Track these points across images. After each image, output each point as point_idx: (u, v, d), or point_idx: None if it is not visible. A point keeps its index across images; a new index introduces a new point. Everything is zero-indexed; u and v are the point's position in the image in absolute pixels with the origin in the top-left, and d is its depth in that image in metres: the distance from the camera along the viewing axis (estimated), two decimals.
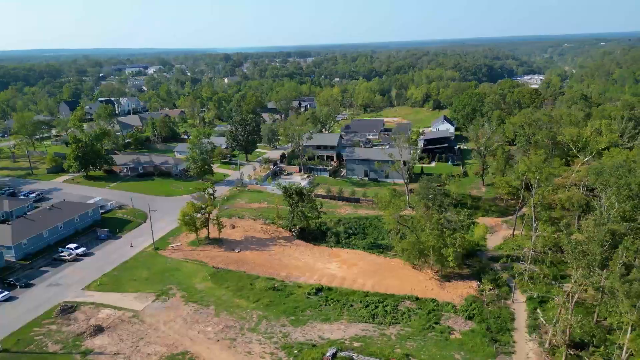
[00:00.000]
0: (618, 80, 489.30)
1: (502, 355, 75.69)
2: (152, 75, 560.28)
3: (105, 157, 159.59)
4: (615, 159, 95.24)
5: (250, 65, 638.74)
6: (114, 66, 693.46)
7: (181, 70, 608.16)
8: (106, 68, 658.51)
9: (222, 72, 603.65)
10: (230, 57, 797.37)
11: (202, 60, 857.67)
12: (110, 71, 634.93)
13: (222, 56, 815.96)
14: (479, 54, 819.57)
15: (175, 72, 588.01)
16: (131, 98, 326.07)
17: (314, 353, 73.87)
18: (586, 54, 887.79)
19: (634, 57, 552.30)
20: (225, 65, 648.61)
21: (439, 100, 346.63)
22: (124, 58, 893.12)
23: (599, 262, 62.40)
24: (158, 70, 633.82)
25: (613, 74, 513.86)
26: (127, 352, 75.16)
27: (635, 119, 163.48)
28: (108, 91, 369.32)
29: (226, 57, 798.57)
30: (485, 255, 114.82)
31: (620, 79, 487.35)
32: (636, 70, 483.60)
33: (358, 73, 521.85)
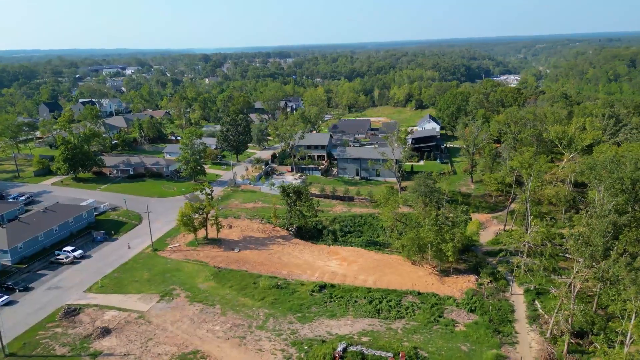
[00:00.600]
0: (592, 79, 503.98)
1: (506, 345, 78.15)
2: (131, 76, 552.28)
3: (94, 158, 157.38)
4: (605, 154, 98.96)
5: (230, 65, 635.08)
6: (90, 67, 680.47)
7: (160, 71, 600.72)
8: (82, 69, 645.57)
9: (202, 72, 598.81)
10: (209, 57, 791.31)
11: (180, 60, 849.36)
12: (86, 72, 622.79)
13: (201, 56, 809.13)
14: (456, 54, 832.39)
15: (154, 73, 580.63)
16: (113, 99, 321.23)
17: (324, 348, 74.94)
18: (559, 54, 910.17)
19: (606, 57, 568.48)
20: (206, 65, 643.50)
21: (421, 100, 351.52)
22: (100, 58, 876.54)
23: (601, 253, 65.25)
24: (136, 71, 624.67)
25: (587, 73, 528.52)
26: (137, 353, 74.98)
27: (616, 117, 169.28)
28: (88, 92, 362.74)
29: (205, 57, 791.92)
30: (479, 250, 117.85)
31: (593, 78, 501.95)
32: (609, 70, 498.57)
33: (339, 73, 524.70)
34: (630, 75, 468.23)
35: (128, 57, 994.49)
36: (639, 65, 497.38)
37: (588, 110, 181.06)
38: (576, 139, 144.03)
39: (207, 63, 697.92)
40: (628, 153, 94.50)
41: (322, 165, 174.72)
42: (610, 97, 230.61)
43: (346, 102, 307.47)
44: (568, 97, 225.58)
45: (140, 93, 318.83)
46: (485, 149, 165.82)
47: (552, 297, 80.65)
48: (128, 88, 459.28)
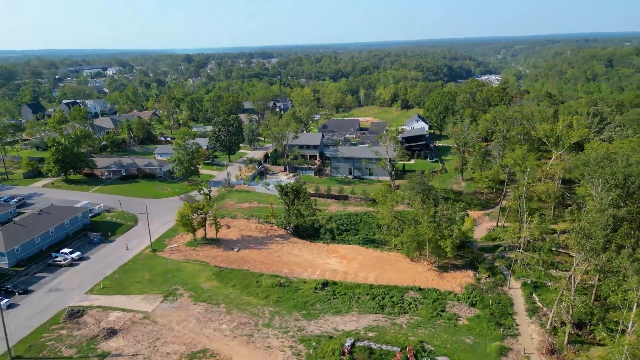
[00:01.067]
0: (571, 79, 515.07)
1: (508, 337, 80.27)
2: (113, 77, 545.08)
3: (85, 160, 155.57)
4: (597, 151, 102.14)
5: (214, 66, 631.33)
6: (70, 67, 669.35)
7: (143, 71, 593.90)
8: (62, 69, 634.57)
9: (185, 73, 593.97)
10: (191, 58, 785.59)
11: (162, 61, 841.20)
12: (66, 72, 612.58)
13: (184, 57, 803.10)
14: (438, 54, 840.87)
15: (136, 74, 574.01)
16: (97, 100, 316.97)
17: (332, 344, 75.94)
18: (537, 54, 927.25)
19: (584, 57, 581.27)
20: (189, 66, 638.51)
21: (407, 99, 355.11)
22: (79, 59, 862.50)
23: (602, 245, 67.71)
24: (118, 72, 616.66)
25: (565, 73, 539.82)
26: (145, 353, 74.93)
27: (600, 115, 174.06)
28: (71, 93, 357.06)
29: (188, 58, 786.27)
30: (474, 246, 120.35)
31: (572, 78, 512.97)
32: (587, 69, 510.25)
33: (324, 74, 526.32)
34: (608, 74, 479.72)
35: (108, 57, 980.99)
36: (616, 65, 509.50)
37: (573, 109, 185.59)
38: (564, 136, 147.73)
39: (190, 63, 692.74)
40: (619, 150, 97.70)
41: (315, 164, 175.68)
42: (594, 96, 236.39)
43: (334, 102, 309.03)
44: (552, 97, 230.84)
45: (126, 94, 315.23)
46: (475, 148, 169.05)
47: (552, 289, 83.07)
48: (110, 89, 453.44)
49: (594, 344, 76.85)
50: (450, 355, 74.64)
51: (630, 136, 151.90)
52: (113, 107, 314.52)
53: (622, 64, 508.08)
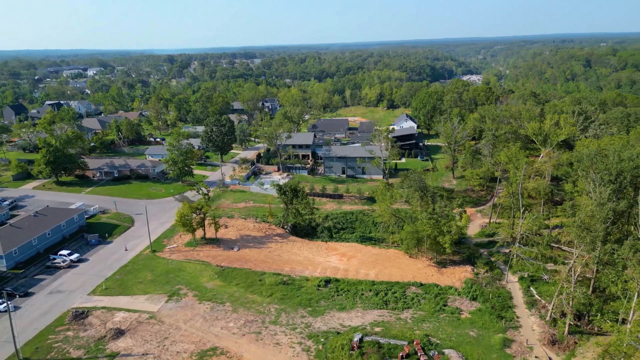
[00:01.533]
0: (550, 79, 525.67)
1: (510, 329, 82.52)
2: (94, 78, 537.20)
3: (77, 161, 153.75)
4: (589, 148, 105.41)
5: (197, 66, 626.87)
6: (50, 68, 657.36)
7: (125, 72, 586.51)
8: (41, 70, 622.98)
9: (169, 73, 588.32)
10: (174, 58, 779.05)
11: (143, 61, 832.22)
12: (46, 73, 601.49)
13: (165, 57, 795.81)
14: (420, 55, 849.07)
15: (118, 74, 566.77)
16: (82, 101, 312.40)
17: (340, 339, 77.11)
18: (517, 55, 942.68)
19: (563, 58, 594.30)
20: (172, 66, 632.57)
21: (393, 99, 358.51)
22: (57, 59, 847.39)
23: (602, 238, 70.32)
24: (99, 72, 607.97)
25: (545, 73, 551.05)
26: (155, 352, 75.02)
27: (585, 113, 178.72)
28: (54, 94, 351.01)
29: (170, 58, 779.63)
30: (469, 242, 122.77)
31: (552, 77, 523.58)
32: (566, 69, 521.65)
33: (309, 74, 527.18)
34: (586, 74, 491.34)
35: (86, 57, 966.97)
36: (594, 65, 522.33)
37: (558, 108, 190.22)
38: (551, 134, 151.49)
39: (172, 64, 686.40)
40: (609, 146, 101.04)
41: (308, 164, 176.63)
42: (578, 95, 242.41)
43: (321, 102, 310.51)
44: (537, 96, 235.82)
45: (110, 95, 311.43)
46: (466, 146, 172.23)
47: (549, 283, 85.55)
48: (92, 90, 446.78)
49: (593, 334, 79.64)
50: (456, 347, 76.46)
51: (615, 133, 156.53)
52: (98, 108, 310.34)
53: (600, 64, 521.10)
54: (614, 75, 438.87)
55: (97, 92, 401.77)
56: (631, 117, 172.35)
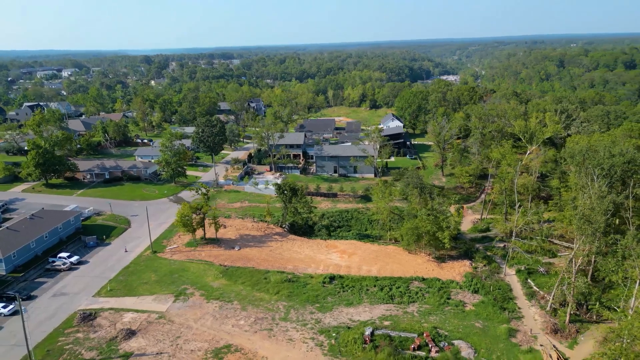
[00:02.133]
0: (525, 79, 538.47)
1: (514, 320, 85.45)
2: (70, 79, 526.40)
3: (67, 163, 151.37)
4: (579, 144, 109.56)
5: (176, 67, 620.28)
6: (22, 69, 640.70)
7: (102, 73, 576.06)
8: (14, 71, 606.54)
9: (148, 74, 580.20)
10: (150, 59, 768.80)
11: (117, 62, 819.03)
12: (19, 74, 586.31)
13: (142, 58, 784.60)
14: (397, 56, 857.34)
15: (94, 75, 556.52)
16: (62, 102, 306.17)
17: (352, 334, 78.68)
18: (491, 55, 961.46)
19: (537, 58, 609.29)
20: (150, 67, 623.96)
21: (375, 99, 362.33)
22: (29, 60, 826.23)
23: (603, 229, 73.72)
24: (75, 73, 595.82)
25: (520, 73, 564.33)
26: (169, 351, 75.19)
27: (567, 112, 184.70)
28: (32, 95, 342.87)
29: (147, 59, 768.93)
30: (464, 237, 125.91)
31: (527, 77, 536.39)
32: (540, 70, 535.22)
33: (290, 74, 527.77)
34: (560, 74, 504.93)
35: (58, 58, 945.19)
36: (567, 65, 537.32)
37: (541, 107, 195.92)
38: (537, 132, 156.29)
39: (150, 65, 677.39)
40: (599, 143, 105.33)
41: (300, 164, 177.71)
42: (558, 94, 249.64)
43: (306, 102, 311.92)
44: (518, 95, 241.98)
45: (91, 96, 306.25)
46: (454, 145, 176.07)
47: (548, 274, 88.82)
48: (69, 91, 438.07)
49: (592, 322, 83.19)
50: (464, 338, 78.87)
51: (597, 130, 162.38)
52: (78, 110, 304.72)
53: (573, 64, 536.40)
54: (587, 75, 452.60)
55: (75, 93, 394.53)
56: (611, 114, 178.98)
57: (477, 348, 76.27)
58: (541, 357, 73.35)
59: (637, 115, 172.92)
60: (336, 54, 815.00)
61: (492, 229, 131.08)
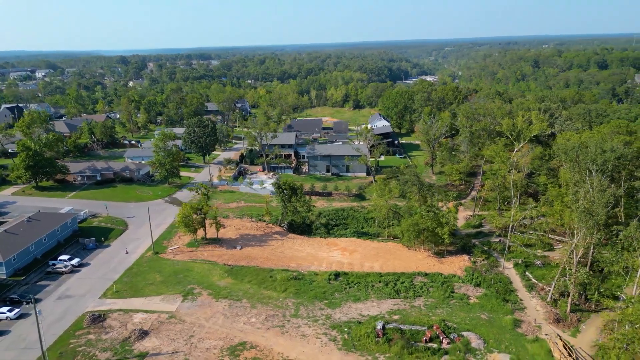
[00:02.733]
0: (502, 79, 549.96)
1: (517, 311, 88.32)
2: (45, 80, 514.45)
3: (57, 165, 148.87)
4: (571, 142, 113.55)
5: (155, 67, 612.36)
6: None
7: (79, 74, 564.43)
8: None
9: (126, 75, 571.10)
10: (127, 59, 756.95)
11: (93, 63, 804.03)
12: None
13: (118, 58, 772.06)
14: (375, 56, 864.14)
15: (70, 76, 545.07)
16: (42, 104, 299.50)
17: (363, 328, 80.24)
18: (467, 56, 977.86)
19: (512, 59, 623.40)
20: (127, 68, 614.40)
21: (359, 100, 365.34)
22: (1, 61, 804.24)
23: (604, 221, 77.10)
24: (49, 75, 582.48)
25: (497, 74, 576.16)
26: (185, 350, 75.40)
27: (550, 110, 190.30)
28: (10, 97, 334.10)
29: (123, 59, 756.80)
30: (459, 233, 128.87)
31: (504, 78, 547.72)
32: (516, 70, 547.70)
33: (271, 75, 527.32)
34: (535, 74, 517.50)
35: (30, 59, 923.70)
36: (541, 65, 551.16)
37: (525, 106, 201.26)
38: (524, 130, 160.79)
39: (126, 65, 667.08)
40: (589, 140, 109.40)
41: (292, 163, 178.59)
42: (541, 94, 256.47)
43: (291, 102, 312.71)
44: (501, 94, 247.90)
45: (72, 97, 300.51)
46: (443, 143, 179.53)
47: (554, 264, 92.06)
48: (45, 92, 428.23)
49: (592, 311, 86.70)
50: (472, 329, 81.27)
51: (580, 128, 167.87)
52: (58, 111, 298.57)
53: (547, 64, 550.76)
54: (562, 75, 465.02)
55: (52, 94, 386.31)
56: (592, 113, 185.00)
57: (485, 339, 78.69)
58: (547, 346, 76.18)
59: (617, 113, 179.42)
60: (315, 55, 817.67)
61: (484, 225, 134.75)
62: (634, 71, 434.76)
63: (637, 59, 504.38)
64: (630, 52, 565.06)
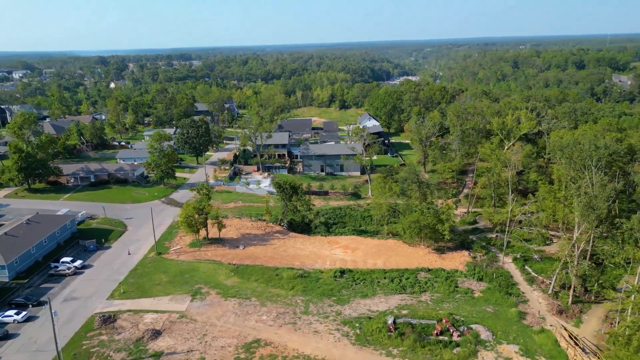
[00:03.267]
0: (483, 79, 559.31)
1: (521, 304, 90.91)
2: (23, 81, 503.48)
3: (51, 167, 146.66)
4: (563, 139, 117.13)
5: (136, 68, 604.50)
6: None
7: (58, 74, 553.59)
8: None
9: (107, 76, 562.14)
10: (106, 60, 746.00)
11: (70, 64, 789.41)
12: None
13: (97, 59, 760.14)
14: (356, 57, 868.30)
15: (50, 77, 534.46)
16: (24, 105, 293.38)
17: (374, 323, 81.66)
18: (446, 56, 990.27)
19: (492, 59, 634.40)
20: (108, 69, 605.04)
21: (345, 100, 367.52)
22: None
23: (605, 214, 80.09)
24: (27, 75, 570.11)
25: (478, 74, 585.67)
26: (200, 348, 75.67)
27: (536, 109, 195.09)
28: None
29: (102, 60, 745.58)
30: (456, 229, 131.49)
31: (485, 78, 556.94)
32: (497, 70, 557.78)
33: (255, 76, 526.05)
34: (515, 75, 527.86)
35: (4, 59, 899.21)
36: (521, 66, 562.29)
37: (512, 105, 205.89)
38: (514, 129, 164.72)
39: (106, 66, 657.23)
40: (583, 137, 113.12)
41: (286, 163, 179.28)
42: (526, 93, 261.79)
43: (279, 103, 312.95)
44: (487, 94, 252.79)
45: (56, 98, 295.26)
46: (434, 142, 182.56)
47: (555, 258, 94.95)
48: (24, 94, 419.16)
49: (592, 302, 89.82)
50: (480, 322, 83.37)
51: (566, 127, 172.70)
52: (41, 113, 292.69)
53: (526, 64, 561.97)
54: (542, 75, 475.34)
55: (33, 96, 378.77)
56: (577, 111, 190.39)
57: (493, 331, 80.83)
58: (553, 336, 78.72)
59: (602, 111, 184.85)
60: (297, 55, 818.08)
61: (479, 221, 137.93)
62: (610, 71, 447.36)
63: (612, 59, 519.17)
64: (605, 52, 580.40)
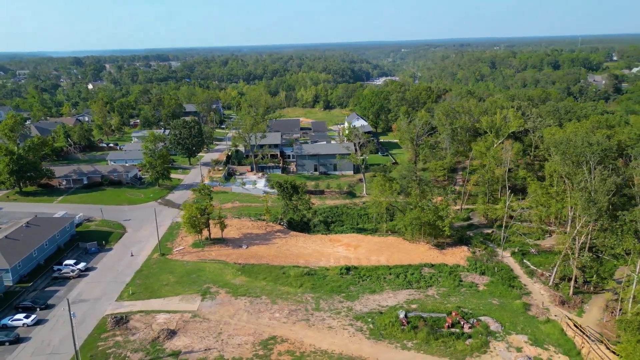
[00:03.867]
0: (462, 79, 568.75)
1: (524, 296, 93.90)
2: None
3: (43, 169, 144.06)
4: (556, 135, 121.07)
5: (114, 69, 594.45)
6: None
7: (34, 75, 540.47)
8: None
9: (85, 77, 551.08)
10: (81, 61, 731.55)
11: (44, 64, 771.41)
12: None
13: (72, 60, 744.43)
14: (336, 58, 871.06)
15: (27, 78, 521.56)
16: (3, 107, 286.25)
17: (386, 318, 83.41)
18: (424, 57, 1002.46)
19: (470, 60, 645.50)
20: (85, 70, 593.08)
21: (329, 100, 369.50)
22: None
23: (606, 208, 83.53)
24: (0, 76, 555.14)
25: (457, 74, 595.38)
26: (217, 346, 76.05)
27: (521, 108, 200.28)
28: None
29: (77, 60, 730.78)
30: (453, 225, 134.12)
31: (463, 78, 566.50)
32: (475, 71, 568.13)
33: (236, 76, 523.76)
34: (493, 75, 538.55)
35: None
36: (498, 66, 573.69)
37: (498, 104, 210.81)
38: (503, 127, 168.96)
39: (82, 67, 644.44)
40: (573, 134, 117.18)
41: (280, 163, 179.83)
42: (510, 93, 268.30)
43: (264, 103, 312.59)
44: (473, 94, 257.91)
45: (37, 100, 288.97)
46: (425, 141, 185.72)
47: (555, 252, 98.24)
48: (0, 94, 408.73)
49: (591, 293, 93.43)
50: (488, 314, 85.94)
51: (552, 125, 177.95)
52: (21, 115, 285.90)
53: (503, 65, 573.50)
54: (519, 75, 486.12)
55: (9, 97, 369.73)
56: (561, 110, 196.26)
57: (502, 322, 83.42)
58: (559, 326, 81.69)
59: (585, 110, 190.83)
60: (277, 56, 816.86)
61: (472, 218, 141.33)
62: (585, 71, 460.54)
63: (586, 59, 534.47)
64: (578, 53, 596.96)
